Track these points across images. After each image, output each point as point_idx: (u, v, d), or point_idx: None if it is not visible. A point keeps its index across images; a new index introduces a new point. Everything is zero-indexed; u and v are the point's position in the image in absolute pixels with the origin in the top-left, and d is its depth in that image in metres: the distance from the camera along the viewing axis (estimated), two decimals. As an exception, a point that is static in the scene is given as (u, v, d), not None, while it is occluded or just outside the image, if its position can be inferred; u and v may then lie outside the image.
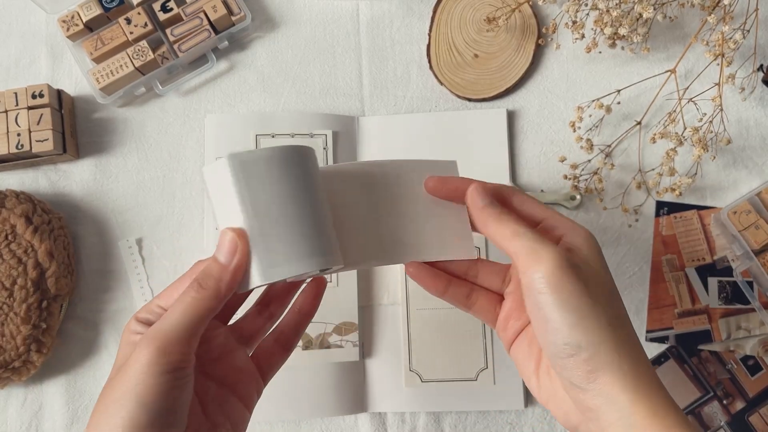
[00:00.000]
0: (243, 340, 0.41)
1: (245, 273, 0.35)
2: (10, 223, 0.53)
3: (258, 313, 0.42)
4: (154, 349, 0.32)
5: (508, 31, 0.59)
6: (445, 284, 0.41)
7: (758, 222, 0.54)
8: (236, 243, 0.35)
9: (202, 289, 0.34)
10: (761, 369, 0.55)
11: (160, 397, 0.32)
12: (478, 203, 0.39)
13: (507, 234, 0.36)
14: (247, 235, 0.35)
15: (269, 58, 0.61)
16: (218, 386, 0.39)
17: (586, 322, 0.33)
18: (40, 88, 0.56)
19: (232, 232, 0.35)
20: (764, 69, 0.57)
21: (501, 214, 0.37)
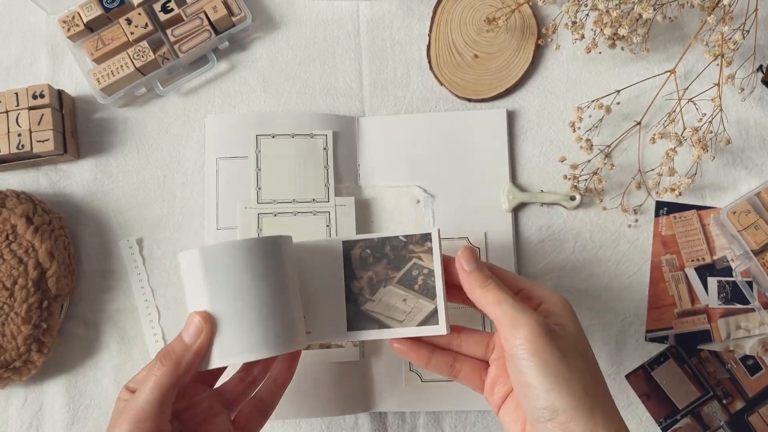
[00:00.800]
0: (226, 404, 0.45)
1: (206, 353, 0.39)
2: (10, 223, 0.53)
3: (241, 379, 0.46)
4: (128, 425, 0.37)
5: (508, 31, 0.59)
6: (428, 356, 0.44)
7: (757, 222, 0.54)
8: (201, 327, 0.39)
9: (162, 366, 0.38)
10: (761, 369, 0.55)
11: None
12: (465, 267, 0.42)
13: (490, 301, 0.39)
14: (212, 320, 0.39)
15: (269, 58, 0.61)
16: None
17: (563, 387, 0.36)
18: (40, 88, 0.56)
19: (199, 317, 0.39)
20: (764, 69, 0.57)
21: (486, 280, 0.40)
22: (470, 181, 0.57)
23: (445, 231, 0.56)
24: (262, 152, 0.57)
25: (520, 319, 0.37)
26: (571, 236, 0.57)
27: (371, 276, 0.45)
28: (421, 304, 0.44)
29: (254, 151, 0.57)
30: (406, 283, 0.44)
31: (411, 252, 0.45)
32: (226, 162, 0.57)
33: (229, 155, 0.57)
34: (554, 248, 0.57)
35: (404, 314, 0.44)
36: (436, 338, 0.45)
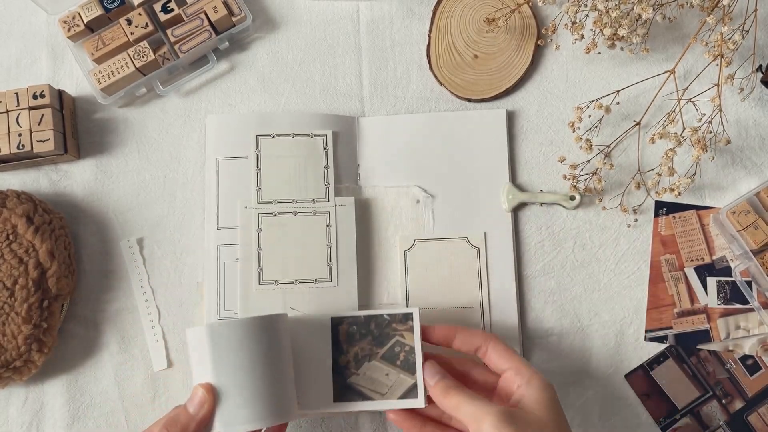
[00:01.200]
0: None
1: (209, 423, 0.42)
2: (11, 223, 0.53)
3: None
4: None
5: (508, 31, 0.59)
6: (420, 426, 0.48)
7: (757, 222, 0.54)
8: (205, 399, 0.42)
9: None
10: (760, 368, 0.55)
11: None
12: (429, 382, 0.47)
13: (453, 405, 0.44)
14: (215, 392, 0.43)
15: (270, 58, 0.61)
16: None
17: None
18: (41, 88, 0.56)
19: (203, 389, 0.42)
20: (763, 69, 0.57)
21: (447, 390, 0.45)
22: (470, 181, 0.58)
23: (445, 231, 0.57)
24: (262, 152, 0.57)
25: (480, 415, 0.41)
26: (570, 236, 0.57)
27: (357, 351, 0.49)
28: (402, 378, 0.48)
29: (254, 151, 0.57)
30: (389, 358, 0.49)
31: (394, 330, 0.49)
32: (227, 162, 0.57)
33: (229, 155, 0.57)
34: (554, 248, 0.57)
35: (386, 387, 0.48)
36: (429, 411, 0.48)
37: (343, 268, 0.56)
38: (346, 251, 0.56)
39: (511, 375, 0.46)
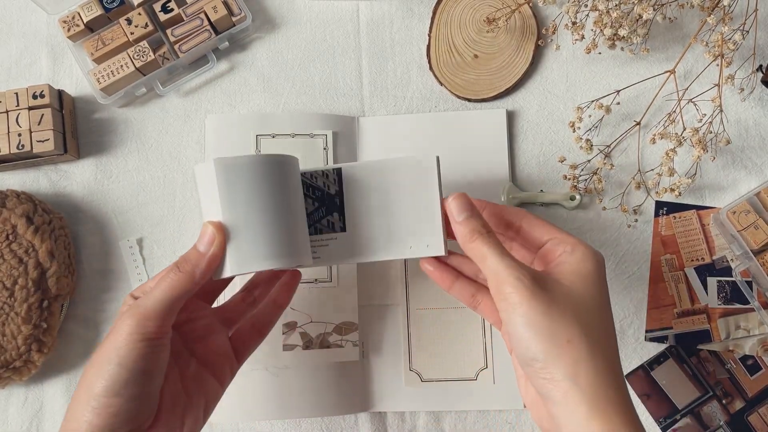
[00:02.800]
0: (225, 322, 0.46)
1: (220, 263, 0.40)
2: (11, 223, 0.53)
3: (242, 299, 0.48)
4: (135, 321, 0.37)
5: (508, 31, 0.59)
6: (452, 281, 0.45)
7: (757, 222, 0.54)
8: (215, 236, 0.39)
9: (179, 272, 0.39)
10: (760, 369, 0.55)
11: (138, 360, 0.37)
12: (455, 218, 0.42)
13: (477, 255, 0.40)
14: (225, 230, 0.40)
15: (269, 58, 0.61)
16: (198, 363, 0.44)
17: (544, 338, 0.36)
18: (40, 88, 0.56)
19: (212, 226, 0.40)
20: (763, 69, 0.57)
21: (473, 234, 0.41)
22: (470, 180, 0.57)
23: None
24: (262, 152, 0.57)
25: (503, 275, 0.38)
26: (570, 236, 0.57)
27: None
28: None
29: (254, 151, 0.57)
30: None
31: None
32: (226, 162, 0.57)
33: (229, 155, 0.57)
34: (554, 248, 0.57)
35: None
36: (463, 266, 0.45)
37: (343, 268, 0.56)
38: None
39: (552, 245, 0.41)
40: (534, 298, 0.37)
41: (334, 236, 0.46)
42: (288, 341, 0.55)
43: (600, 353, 0.37)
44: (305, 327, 0.55)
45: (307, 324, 0.55)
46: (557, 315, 0.37)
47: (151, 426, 0.39)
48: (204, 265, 0.39)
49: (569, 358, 0.36)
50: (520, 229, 0.43)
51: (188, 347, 0.44)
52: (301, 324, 0.55)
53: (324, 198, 0.46)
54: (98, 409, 0.36)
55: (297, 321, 0.55)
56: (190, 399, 0.42)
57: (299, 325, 0.55)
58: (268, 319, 0.47)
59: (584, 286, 0.39)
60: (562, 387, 0.36)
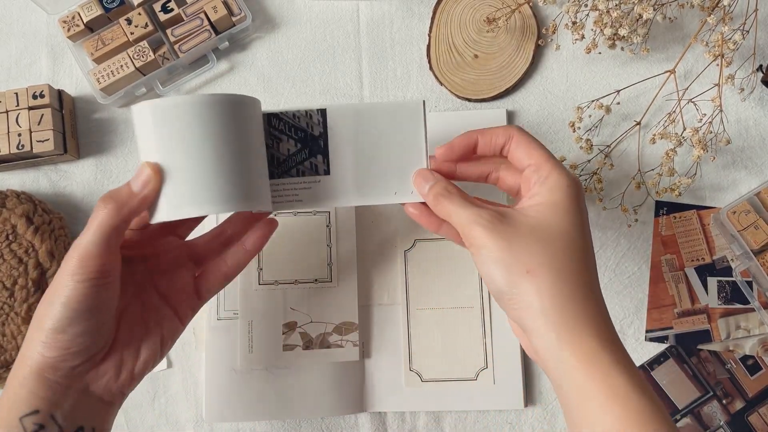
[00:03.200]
0: (195, 257, 0.46)
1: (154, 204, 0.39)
2: (10, 223, 0.53)
3: (214, 237, 0.47)
4: (75, 261, 0.38)
5: (508, 31, 0.59)
6: (438, 223, 0.45)
7: (757, 222, 0.54)
8: (150, 177, 0.39)
9: (104, 208, 0.39)
10: (760, 369, 0.55)
11: (81, 300, 0.38)
12: (421, 190, 0.44)
13: (445, 213, 0.42)
14: (162, 172, 0.39)
15: (269, 58, 0.61)
16: (160, 298, 0.44)
17: (506, 271, 0.38)
18: (40, 88, 0.56)
19: (149, 168, 0.39)
20: (764, 69, 0.57)
21: (438, 196, 0.42)
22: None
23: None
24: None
25: (465, 223, 0.40)
26: (571, 236, 0.57)
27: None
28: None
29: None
30: None
31: None
32: (226, 162, 0.57)
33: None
34: (554, 248, 0.57)
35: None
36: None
37: (343, 268, 0.56)
38: (346, 251, 0.56)
39: (529, 172, 0.41)
40: (494, 236, 0.38)
41: (318, 179, 0.45)
42: (288, 341, 0.55)
43: (567, 280, 0.37)
44: (305, 327, 0.55)
45: (307, 324, 0.55)
46: (517, 247, 0.38)
47: (106, 355, 0.41)
48: (134, 204, 0.39)
49: (532, 287, 0.37)
50: (509, 149, 0.43)
51: (152, 280, 0.44)
52: (301, 324, 0.55)
53: (307, 139, 0.45)
54: (48, 343, 0.38)
55: (297, 321, 0.55)
56: (148, 332, 0.43)
57: (299, 325, 0.55)
58: (236, 263, 0.46)
59: (552, 216, 0.39)
60: (530, 315, 0.37)
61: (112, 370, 0.41)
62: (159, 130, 0.39)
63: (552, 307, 0.37)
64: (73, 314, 0.38)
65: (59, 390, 0.39)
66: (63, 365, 0.39)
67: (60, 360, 0.38)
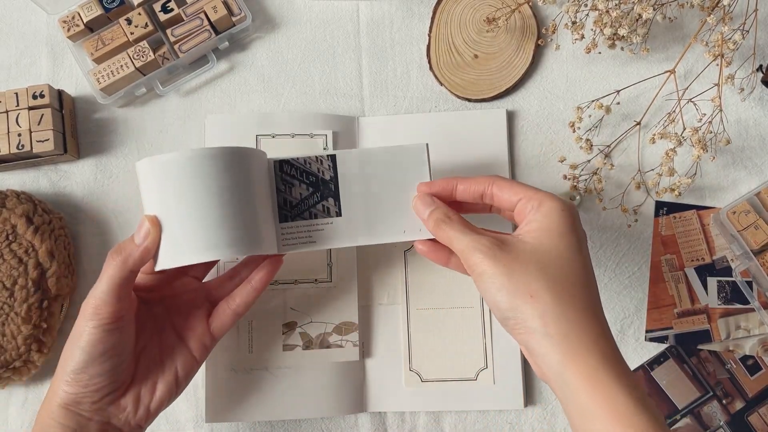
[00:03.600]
0: (210, 298, 0.50)
1: (156, 254, 0.43)
2: (10, 223, 0.53)
3: (229, 278, 0.50)
4: (90, 310, 0.42)
5: (508, 31, 0.59)
6: (447, 258, 0.47)
7: (757, 222, 0.54)
8: (149, 230, 0.42)
9: (113, 261, 0.42)
10: (760, 369, 0.55)
11: (96, 344, 0.42)
12: (421, 215, 0.46)
13: (446, 238, 0.43)
14: (160, 224, 0.42)
15: (269, 58, 0.61)
16: (176, 336, 0.47)
17: (508, 296, 0.39)
18: (40, 88, 0.56)
19: (148, 220, 0.42)
20: (763, 69, 0.57)
21: (438, 222, 0.44)
22: (470, 181, 0.57)
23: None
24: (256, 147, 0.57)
25: (467, 251, 0.41)
26: (570, 236, 0.57)
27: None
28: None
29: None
30: None
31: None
32: (226, 162, 0.57)
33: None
34: (554, 248, 0.57)
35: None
36: None
37: (343, 268, 0.56)
38: (346, 251, 0.56)
39: (522, 204, 0.43)
40: (494, 262, 0.39)
41: (330, 221, 0.47)
42: (288, 341, 0.55)
43: (569, 302, 0.38)
44: (305, 327, 0.55)
45: (307, 324, 0.55)
46: (518, 273, 0.39)
47: (125, 392, 0.44)
48: (137, 255, 0.42)
49: (535, 310, 0.38)
50: (493, 196, 0.44)
51: (170, 320, 0.48)
52: (301, 324, 0.55)
53: (318, 183, 0.47)
54: (70, 382, 0.42)
55: (297, 321, 0.55)
56: (164, 370, 0.46)
57: (299, 325, 0.55)
58: (243, 302, 0.48)
59: (549, 240, 0.40)
60: (535, 338, 0.38)
61: (131, 406, 0.45)
62: (156, 184, 0.42)
63: (555, 330, 0.38)
64: (89, 357, 0.42)
65: (82, 422, 0.43)
66: (84, 400, 0.43)
67: (82, 396, 0.42)
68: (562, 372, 0.37)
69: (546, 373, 0.39)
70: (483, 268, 0.40)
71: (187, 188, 0.42)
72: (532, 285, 0.39)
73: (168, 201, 0.42)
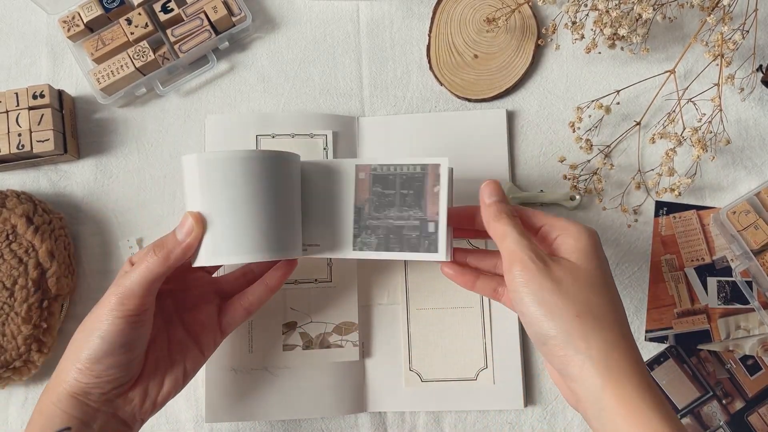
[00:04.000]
0: (221, 293, 0.50)
1: (196, 250, 0.43)
2: (11, 223, 0.53)
3: (242, 275, 0.51)
4: (116, 299, 0.42)
5: (508, 31, 0.59)
6: (474, 280, 0.47)
7: (757, 222, 0.54)
8: (193, 227, 0.42)
9: (154, 255, 0.42)
10: (760, 369, 0.55)
11: (117, 335, 0.41)
12: (486, 199, 0.44)
13: (499, 233, 0.42)
14: (204, 221, 0.42)
15: (269, 58, 0.61)
16: (185, 331, 0.47)
17: (554, 314, 0.38)
18: (40, 88, 0.56)
19: (192, 217, 0.42)
20: (763, 69, 0.57)
21: (500, 213, 0.42)
22: (470, 180, 0.57)
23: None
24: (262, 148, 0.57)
25: (517, 253, 0.40)
26: (570, 236, 0.57)
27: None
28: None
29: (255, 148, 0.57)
30: None
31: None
32: (226, 162, 0.57)
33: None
34: (554, 248, 0.57)
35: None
36: (481, 263, 0.48)
37: (343, 268, 0.56)
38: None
39: (546, 230, 0.43)
40: (543, 277, 0.38)
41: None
42: (288, 341, 0.55)
43: (608, 325, 0.38)
44: (305, 327, 0.55)
45: (307, 324, 0.55)
46: (565, 292, 0.38)
47: (133, 385, 0.44)
48: (179, 251, 0.42)
49: (580, 332, 0.37)
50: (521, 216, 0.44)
51: (179, 314, 0.48)
52: (301, 324, 0.55)
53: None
54: (83, 370, 0.42)
55: (297, 321, 0.55)
56: (172, 364, 0.46)
57: (299, 325, 0.55)
58: (257, 299, 0.48)
59: (586, 262, 0.40)
60: (576, 362, 0.37)
61: (138, 399, 0.44)
62: (204, 181, 0.42)
63: (598, 353, 0.37)
64: (109, 347, 0.41)
65: (90, 412, 0.42)
66: (95, 391, 0.42)
67: (92, 386, 0.42)
68: (600, 397, 0.36)
69: (583, 397, 0.37)
70: (531, 276, 0.39)
71: (236, 189, 0.42)
72: (577, 305, 0.38)
73: (213, 199, 0.42)
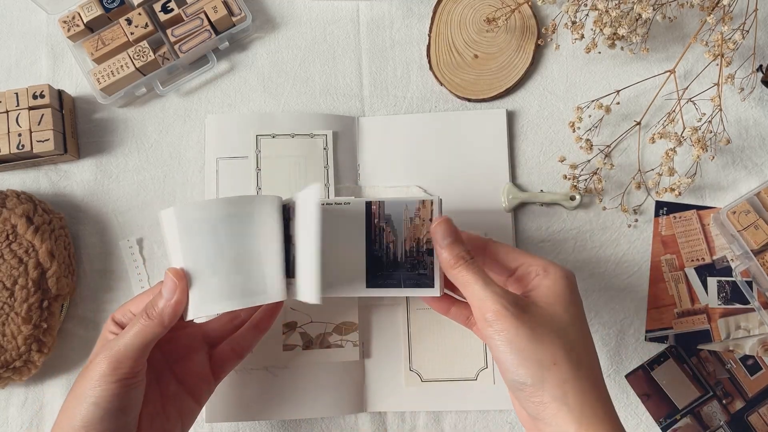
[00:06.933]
0: (208, 340, 0.49)
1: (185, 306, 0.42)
2: (11, 223, 0.53)
3: (229, 320, 0.50)
4: (108, 364, 0.40)
5: (508, 31, 0.59)
6: (448, 308, 0.46)
7: (757, 222, 0.54)
8: (176, 283, 0.41)
9: (148, 318, 0.41)
10: (760, 369, 0.55)
11: (111, 400, 0.40)
12: (439, 242, 0.42)
13: (459, 282, 0.41)
14: (186, 276, 0.42)
15: (269, 58, 0.61)
16: (177, 383, 0.46)
17: (528, 363, 0.38)
18: (40, 88, 0.56)
19: (173, 274, 0.41)
20: (763, 69, 0.57)
21: (457, 260, 0.41)
22: (470, 180, 0.57)
23: (445, 231, 0.56)
24: (262, 152, 0.57)
25: (487, 302, 0.39)
26: (571, 236, 0.57)
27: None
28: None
29: (254, 151, 0.57)
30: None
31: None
32: (227, 162, 0.57)
33: (229, 155, 0.57)
34: (554, 248, 0.57)
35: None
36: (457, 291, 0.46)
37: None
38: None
39: (524, 270, 0.42)
40: (518, 325, 0.38)
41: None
42: (288, 341, 0.55)
43: (584, 371, 0.38)
44: (305, 327, 0.55)
45: (307, 324, 0.55)
46: (541, 339, 0.38)
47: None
48: (170, 311, 0.41)
49: (556, 379, 0.37)
50: (486, 256, 0.44)
51: (169, 367, 0.46)
52: (301, 324, 0.55)
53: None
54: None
55: (297, 321, 0.55)
56: (168, 418, 0.45)
57: (299, 325, 0.55)
58: (248, 342, 0.49)
59: (562, 307, 0.40)
60: (551, 409, 0.37)
61: None
62: (182, 237, 0.42)
63: (574, 400, 0.37)
64: (104, 413, 0.40)
65: None
66: None
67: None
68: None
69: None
70: (504, 325, 0.38)
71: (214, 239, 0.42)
72: (554, 353, 0.38)
73: (195, 252, 0.42)
